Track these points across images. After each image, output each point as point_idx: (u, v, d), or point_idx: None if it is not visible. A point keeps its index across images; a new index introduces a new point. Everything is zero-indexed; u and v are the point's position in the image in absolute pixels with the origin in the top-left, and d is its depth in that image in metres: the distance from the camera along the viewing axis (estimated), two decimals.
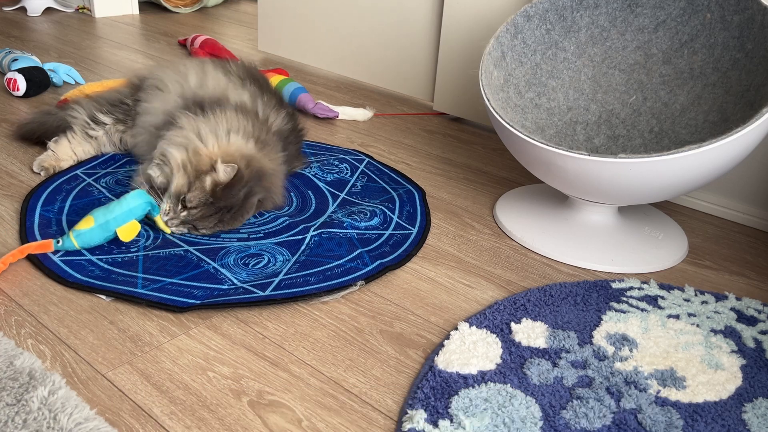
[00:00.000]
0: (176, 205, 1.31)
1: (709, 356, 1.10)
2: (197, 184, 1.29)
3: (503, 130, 1.38)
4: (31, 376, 0.94)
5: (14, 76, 1.98)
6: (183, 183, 1.30)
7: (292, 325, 1.13)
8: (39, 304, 1.13)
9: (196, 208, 1.30)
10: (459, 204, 1.59)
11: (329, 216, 1.46)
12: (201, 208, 1.30)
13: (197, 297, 1.16)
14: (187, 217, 1.30)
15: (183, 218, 1.31)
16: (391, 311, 1.19)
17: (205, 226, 1.33)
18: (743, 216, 1.59)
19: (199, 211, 1.30)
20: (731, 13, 1.42)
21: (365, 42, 2.29)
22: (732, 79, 1.42)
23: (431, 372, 1.02)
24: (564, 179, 1.33)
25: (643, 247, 1.42)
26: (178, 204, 1.30)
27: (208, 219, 1.31)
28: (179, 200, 1.30)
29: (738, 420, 0.97)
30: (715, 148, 1.19)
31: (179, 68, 1.60)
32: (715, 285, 1.34)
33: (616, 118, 1.56)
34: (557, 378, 1.02)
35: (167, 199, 1.31)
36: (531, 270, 1.34)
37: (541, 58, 1.57)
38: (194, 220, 1.31)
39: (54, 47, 2.60)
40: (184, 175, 1.30)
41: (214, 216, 1.31)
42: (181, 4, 3.45)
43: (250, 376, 1.01)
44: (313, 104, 2.03)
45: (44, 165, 1.56)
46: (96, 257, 1.25)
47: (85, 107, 1.64)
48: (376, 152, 1.83)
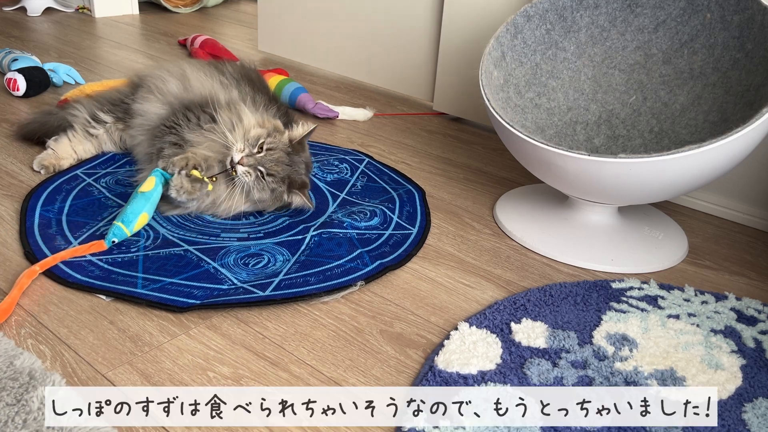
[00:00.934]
0: (253, 146, 1.35)
1: (709, 356, 1.10)
2: (276, 135, 1.38)
3: (503, 130, 1.38)
4: (31, 376, 0.94)
5: (14, 76, 1.98)
6: (262, 132, 1.37)
7: (292, 325, 1.13)
8: (39, 304, 1.13)
9: (274, 149, 1.36)
10: (459, 204, 1.59)
11: (329, 216, 1.46)
12: (279, 152, 1.36)
13: (197, 297, 1.16)
14: (264, 158, 1.35)
15: (259, 158, 1.35)
16: (391, 311, 1.19)
17: (276, 173, 1.36)
18: (743, 216, 1.59)
19: (277, 153, 1.36)
20: (731, 13, 1.42)
21: (365, 42, 2.29)
22: (732, 79, 1.42)
23: (431, 372, 1.02)
24: (564, 179, 1.33)
25: (643, 247, 1.42)
26: (255, 146, 1.35)
27: (281, 165, 1.37)
28: (257, 144, 1.35)
29: (738, 420, 0.97)
30: (715, 148, 1.19)
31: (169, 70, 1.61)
32: (715, 285, 1.34)
33: (616, 118, 1.56)
34: (557, 378, 1.02)
35: (240, 142, 1.35)
36: (531, 270, 1.34)
37: (541, 58, 1.57)
38: (270, 161, 1.35)
39: (54, 47, 2.60)
40: (263, 128, 1.38)
41: (284, 165, 1.37)
42: (181, 4, 3.45)
43: (250, 376, 1.01)
44: (313, 104, 2.03)
45: (44, 163, 1.56)
46: (96, 257, 1.25)
47: (86, 106, 1.64)
48: (376, 152, 1.83)
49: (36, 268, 1.17)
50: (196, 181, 1.34)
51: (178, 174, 1.33)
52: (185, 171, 1.33)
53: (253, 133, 1.37)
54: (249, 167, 1.34)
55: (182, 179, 1.33)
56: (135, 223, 1.29)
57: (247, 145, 1.35)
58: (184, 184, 1.33)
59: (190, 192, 1.33)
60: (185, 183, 1.33)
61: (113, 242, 1.26)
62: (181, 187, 1.33)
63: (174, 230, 1.36)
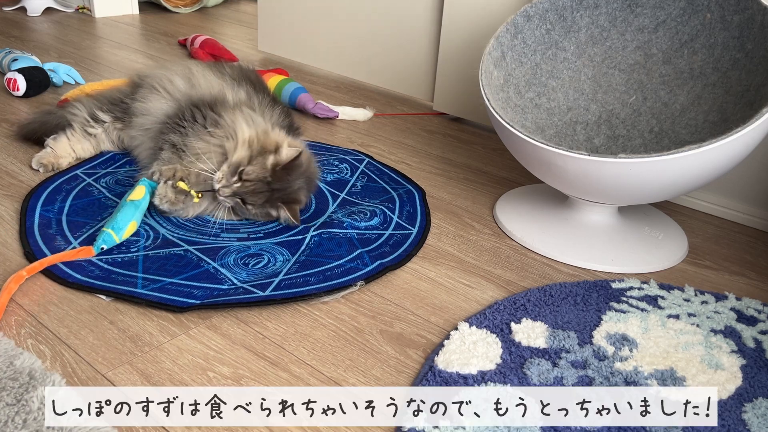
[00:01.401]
0: (231, 175, 1.32)
1: (709, 356, 1.10)
2: (259, 159, 1.33)
3: (503, 130, 1.38)
4: (31, 376, 0.94)
5: (14, 76, 1.98)
6: (245, 156, 1.33)
7: (292, 325, 1.13)
8: (39, 304, 1.13)
9: (251, 181, 1.32)
10: (459, 204, 1.59)
11: (329, 216, 1.46)
12: (256, 183, 1.32)
13: (197, 297, 1.16)
14: (240, 189, 1.32)
15: (235, 189, 1.32)
16: (391, 311, 1.19)
17: (254, 202, 1.34)
18: (743, 216, 1.59)
19: (254, 185, 1.32)
20: (731, 13, 1.42)
21: (365, 42, 2.29)
22: (732, 79, 1.42)
23: (431, 372, 1.02)
24: (564, 179, 1.33)
25: (643, 247, 1.42)
26: (234, 175, 1.32)
27: (258, 195, 1.33)
28: (236, 171, 1.32)
29: (738, 420, 0.97)
30: (715, 148, 1.19)
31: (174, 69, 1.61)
32: (715, 285, 1.34)
33: (616, 118, 1.56)
34: (557, 378, 1.02)
35: (223, 169, 1.33)
36: (531, 270, 1.34)
37: (541, 58, 1.57)
38: (246, 193, 1.33)
39: (54, 47, 2.60)
40: (248, 149, 1.34)
41: (264, 194, 1.33)
42: (181, 4, 3.45)
43: (250, 376, 1.01)
44: (313, 104, 2.03)
45: (43, 162, 1.56)
46: (96, 257, 1.25)
47: (86, 105, 1.65)
48: (376, 152, 1.83)
49: (23, 273, 1.16)
50: (181, 192, 1.34)
51: (164, 183, 1.34)
52: (172, 182, 1.34)
53: (236, 158, 1.33)
54: (226, 198, 1.34)
55: (167, 189, 1.34)
56: (125, 230, 1.28)
57: (226, 174, 1.32)
58: (168, 193, 1.33)
59: (173, 202, 1.34)
60: (169, 192, 1.34)
61: (102, 249, 1.25)
62: (164, 197, 1.33)
63: (174, 230, 1.36)
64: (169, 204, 1.34)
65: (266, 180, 1.33)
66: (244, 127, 1.38)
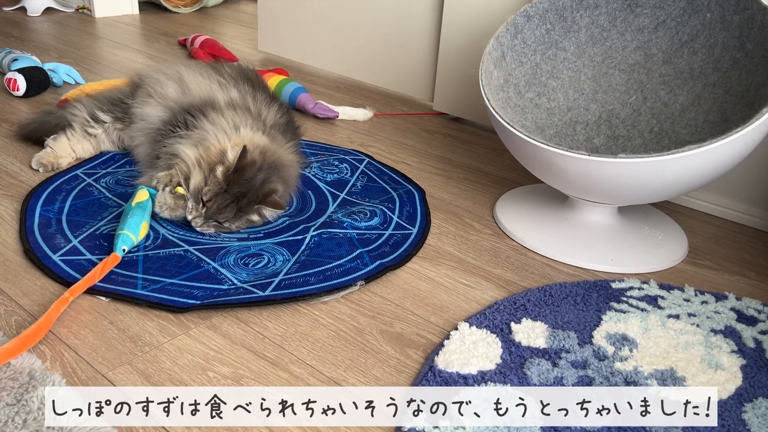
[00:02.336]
0: (198, 203, 1.31)
1: (709, 356, 1.10)
2: (211, 177, 1.30)
3: (503, 130, 1.38)
4: (31, 376, 0.94)
5: (14, 76, 1.98)
6: (200, 179, 1.31)
7: (292, 325, 1.13)
8: (39, 304, 1.13)
9: (211, 200, 1.30)
10: (459, 204, 1.59)
11: (329, 216, 1.46)
12: (215, 199, 1.30)
13: (197, 297, 1.16)
14: (207, 212, 1.30)
15: (204, 214, 1.31)
16: (391, 311, 1.19)
17: (226, 218, 1.32)
18: (743, 216, 1.59)
19: (214, 202, 1.30)
20: (731, 13, 1.42)
21: (365, 42, 2.29)
22: (732, 79, 1.42)
23: (431, 372, 1.02)
24: (564, 179, 1.33)
25: (643, 247, 1.42)
26: (199, 201, 1.31)
27: (225, 210, 1.31)
28: (199, 197, 1.30)
29: (738, 420, 0.97)
30: (715, 148, 1.19)
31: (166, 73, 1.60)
32: (715, 285, 1.34)
33: (616, 118, 1.56)
34: (557, 378, 1.02)
35: (190, 201, 1.32)
36: (531, 270, 1.34)
37: (541, 58, 1.57)
38: (214, 214, 1.31)
39: (54, 47, 2.60)
40: (200, 171, 1.31)
41: (231, 205, 1.31)
42: (181, 4, 3.45)
43: (250, 376, 1.01)
44: (313, 104, 2.03)
45: (42, 162, 1.56)
46: (96, 257, 1.25)
47: (86, 105, 1.65)
48: (376, 152, 1.83)
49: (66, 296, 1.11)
50: (181, 197, 1.34)
51: (162, 191, 1.34)
52: (170, 188, 1.33)
53: (193, 185, 1.30)
54: (201, 228, 1.33)
55: (166, 196, 1.33)
56: (140, 230, 1.28)
57: (194, 206, 1.31)
58: (167, 200, 1.33)
59: (173, 208, 1.33)
60: (168, 199, 1.33)
61: (124, 250, 1.24)
62: (164, 204, 1.33)
63: (174, 230, 1.36)
64: (169, 210, 1.33)
65: (224, 190, 1.30)
66: (187, 150, 1.35)
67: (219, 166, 1.31)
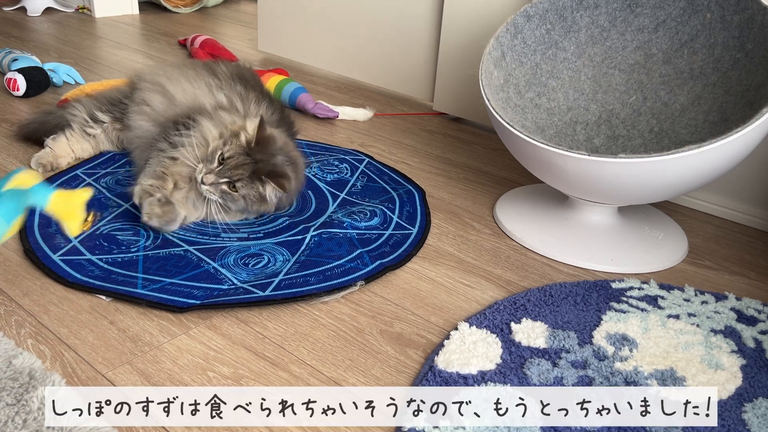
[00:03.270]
0: (211, 162, 1.33)
1: (709, 356, 1.10)
2: (232, 140, 1.34)
3: (503, 130, 1.38)
4: (31, 376, 0.94)
5: (14, 76, 1.98)
6: (219, 143, 1.34)
7: (292, 325, 1.13)
8: (39, 304, 1.13)
9: (232, 157, 1.32)
10: (459, 204, 1.59)
11: (329, 216, 1.46)
12: (236, 157, 1.32)
13: (197, 297, 1.16)
14: (223, 170, 1.32)
15: (218, 172, 1.32)
16: (391, 311, 1.19)
17: (240, 176, 1.32)
18: (743, 216, 1.59)
19: (235, 159, 1.32)
20: (731, 13, 1.42)
21: (365, 42, 2.29)
22: (732, 79, 1.42)
23: (431, 372, 1.02)
24: (564, 179, 1.33)
25: (643, 247, 1.42)
26: (213, 162, 1.33)
27: (242, 167, 1.32)
28: (215, 158, 1.33)
29: (738, 420, 0.97)
30: (715, 148, 1.19)
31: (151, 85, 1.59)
32: (715, 285, 1.34)
33: (616, 118, 1.56)
34: (557, 378, 1.02)
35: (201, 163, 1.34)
36: (531, 270, 1.34)
37: (541, 58, 1.57)
38: (230, 169, 1.32)
39: (54, 47, 2.60)
40: (220, 139, 1.35)
41: (248, 165, 1.33)
42: (181, 4, 3.45)
43: (250, 376, 1.01)
44: (313, 104, 2.03)
45: (42, 162, 1.56)
46: (96, 257, 1.25)
47: (86, 105, 1.65)
48: (376, 152, 1.83)
49: None
50: (167, 204, 1.32)
51: (147, 201, 1.31)
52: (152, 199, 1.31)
53: (211, 147, 1.35)
54: (210, 185, 1.32)
55: (152, 206, 1.31)
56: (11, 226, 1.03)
57: (205, 162, 1.33)
58: (155, 209, 1.30)
59: (160, 216, 1.31)
60: (156, 209, 1.31)
61: None
62: (152, 214, 1.30)
63: (174, 230, 1.36)
64: (157, 218, 1.30)
65: (246, 152, 1.33)
66: (211, 127, 1.39)
67: (242, 135, 1.35)
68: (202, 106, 1.48)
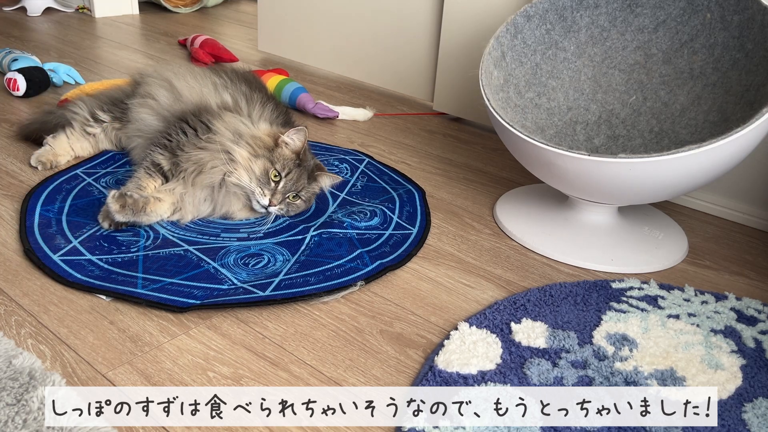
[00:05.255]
0: (268, 183, 1.35)
1: (709, 356, 1.10)
2: (276, 154, 1.37)
3: (503, 130, 1.38)
4: (31, 376, 0.94)
5: (14, 76, 1.98)
6: (264, 163, 1.36)
7: (292, 325, 1.13)
8: (39, 304, 1.13)
9: (290, 172, 1.36)
10: (459, 204, 1.59)
11: (329, 216, 1.46)
12: (294, 170, 1.37)
13: (197, 297, 1.16)
14: (287, 185, 1.36)
15: (281, 189, 1.36)
16: (391, 311, 1.19)
17: (302, 186, 1.39)
18: (743, 216, 1.59)
19: (294, 173, 1.37)
20: (731, 13, 1.42)
21: (365, 42, 2.29)
22: (732, 79, 1.42)
23: (431, 372, 1.02)
24: (564, 179, 1.33)
25: (643, 247, 1.42)
26: (269, 182, 1.35)
27: (301, 178, 1.39)
28: (269, 178, 1.35)
29: (738, 420, 0.97)
30: (715, 148, 1.19)
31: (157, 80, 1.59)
32: (715, 285, 1.34)
33: (616, 118, 1.56)
34: (557, 378, 1.02)
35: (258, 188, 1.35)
36: (531, 270, 1.34)
37: (541, 58, 1.57)
38: (293, 185, 1.37)
39: (54, 47, 2.60)
40: (259, 158, 1.36)
41: (303, 172, 1.39)
42: (181, 4, 3.45)
43: (250, 376, 1.01)
44: (313, 104, 2.03)
45: (41, 159, 1.56)
46: (96, 257, 1.25)
47: (87, 104, 1.65)
48: (376, 152, 1.83)
49: None
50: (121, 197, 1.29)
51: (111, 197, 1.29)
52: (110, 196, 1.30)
53: (258, 169, 1.35)
54: (280, 205, 1.37)
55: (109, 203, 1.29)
56: None
57: (264, 187, 1.35)
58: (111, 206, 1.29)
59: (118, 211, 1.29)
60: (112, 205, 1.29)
61: None
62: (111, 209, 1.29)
63: (174, 230, 1.36)
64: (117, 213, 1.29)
65: (298, 164, 1.39)
66: (236, 147, 1.36)
67: (283, 148, 1.38)
68: (208, 105, 1.48)
